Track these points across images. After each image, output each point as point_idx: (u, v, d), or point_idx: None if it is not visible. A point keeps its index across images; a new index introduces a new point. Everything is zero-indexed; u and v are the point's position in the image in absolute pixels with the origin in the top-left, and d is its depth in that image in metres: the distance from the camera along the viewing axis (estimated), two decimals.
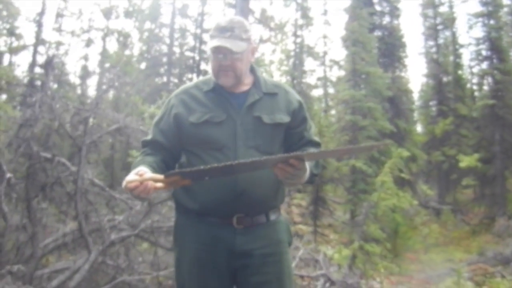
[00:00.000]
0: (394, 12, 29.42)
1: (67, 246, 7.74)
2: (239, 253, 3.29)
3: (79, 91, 30.70)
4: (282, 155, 2.94)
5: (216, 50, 3.29)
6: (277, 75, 34.74)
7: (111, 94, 30.18)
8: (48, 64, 7.90)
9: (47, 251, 7.56)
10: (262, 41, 29.62)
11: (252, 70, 3.59)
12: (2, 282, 5.59)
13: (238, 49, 3.29)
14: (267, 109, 3.44)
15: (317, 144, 3.69)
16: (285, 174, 3.00)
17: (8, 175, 6.79)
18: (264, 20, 27.28)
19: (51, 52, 27.08)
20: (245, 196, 3.24)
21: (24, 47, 26.39)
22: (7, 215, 6.77)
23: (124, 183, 2.84)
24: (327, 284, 9.94)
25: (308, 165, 3.14)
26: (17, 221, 7.09)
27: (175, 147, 3.46)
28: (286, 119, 3.48)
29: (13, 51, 25.14)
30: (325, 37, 37.09)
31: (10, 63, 26.20)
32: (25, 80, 24.17)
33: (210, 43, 3.30)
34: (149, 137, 3.48)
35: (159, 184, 2.85)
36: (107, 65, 30.67)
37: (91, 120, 7.85)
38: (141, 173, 2.86)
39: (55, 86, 25.64)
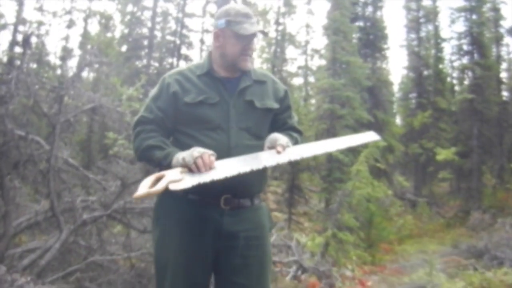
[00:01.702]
0: (377, 3, 29.44)
1: (39, 225, 7.67)
2: (226, 234, 3.31)
3: (59, 71, 30.53)
4: (279, 160, 3.23)
5: (252, 36, 3.40)
6: (258, 63, 34.75)
7: (91, 76, 30.09)
8: (26, 42, 7.79)
9: (19, 230, 7.48)
10: None
11: None
12: None
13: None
14: (258, 95, 3.53)
15: (299, 132, 3.78)
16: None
17: None
18: (246, 4, 27.23)
19: (30, 30, 26.89)
20: (236, 177, 3.19)
21: (4, 26, 26.18)
22: None
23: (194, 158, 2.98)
24: (299, 271, 9.96)
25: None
26: None
27: (171, 125, 3.47)
28: (275, 105, 3.61)
29: None
30: (307, 26, 37.08)
31: None
32: (5, 59, 24.00)
33: (248, 29, 3.35)
34: (150, 115, 3.44)
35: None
36: (88, 46, 30.52)
37: (66, 98, 7.77)
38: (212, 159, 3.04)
39: (35, 65, 25.49)
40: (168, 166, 3.13)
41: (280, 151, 3.22)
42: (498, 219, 18.98)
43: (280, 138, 3.32)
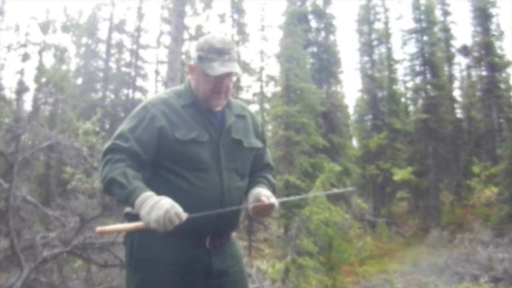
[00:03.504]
0: (330, 29, 29.68)
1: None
2: (216, 273, 3.30)
3: (14, 106, 30.36)
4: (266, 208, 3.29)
5: (222, 76, 3.25)
6: None
7: (47, 110, 29.96)
8: None
9: None
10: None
11: None
12: None
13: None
14: (242, 132, 3.48)
15: (271, 168, 3.80)
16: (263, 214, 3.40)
17: None
18: (199, 36, 27.36)
19: None
20: (227, 221, 3.30)
21: None
22: None
23: (168, 216, 2.83)
24: None
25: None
26: None
27: (149, 161, 3.27)
28: (259, 144, 3.59)
29: None
30: (262, 52, 37.20)
31: None
32: None
33: (216, 69, 3.21)
34: (124, 143, 3.18)
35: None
36: (43, 80, 30.42)
37: (23, 137, 7.81)
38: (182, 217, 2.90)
39: None
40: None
41: (265, 200, 3.24)
42: (457, 235, 19.31)
43: (262, 191, 3.35)
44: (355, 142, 35.07)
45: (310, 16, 29.09)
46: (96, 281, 7.78)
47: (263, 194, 3.30)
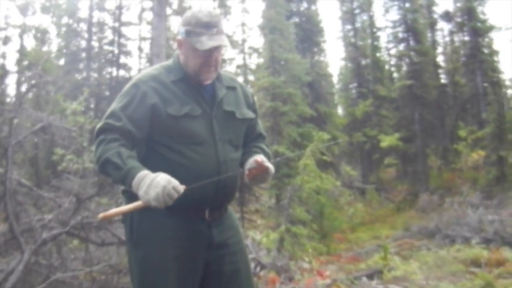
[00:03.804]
0: None
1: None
2: (217, 244, 3.30)
3: None
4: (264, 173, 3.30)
5: (211, 50, 3.20)
6: None
7: (31, 92, 29.77)
8: None
9: None
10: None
11: None
12: None
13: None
14: (233, 104, 3.46)
15: (263, 137, 3.80)
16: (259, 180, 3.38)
17: None
18: (182, 11, 27.25)
19: None
20: (225, 192, 3.31)
21: None
22: None
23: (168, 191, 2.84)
24: (258, 268, 10.10)
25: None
26: None
27: (143, 138, 3.24)
28: (251, 114, 3.59)
29: None
30: (243, 24, 37.09)
31: None
32: None
33: (204, 43, 3.17)
34: (116, 122, 3.15)
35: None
36: (25, 62, 30.23)
37: (15, 120, 7.80)
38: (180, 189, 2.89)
39: None
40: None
41: (259, 163, 3.22)
42: (446, 199, 19.40)
43: (258, 157, 3.31)
44: (340, 111, 35.14)
45: None
46: (94, 260, 7.80)
47: (257, 158, 3.28)
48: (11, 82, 39.36)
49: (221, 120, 3.34)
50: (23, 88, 30.61)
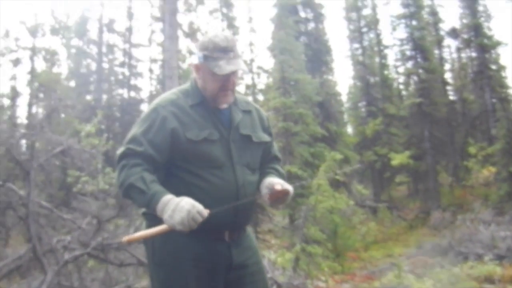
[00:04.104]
0: (319, 18, 29.68)
1: (19, 270, 7.79)
2: (237, 265, 3.37)
3: (8, 112, 30.32)
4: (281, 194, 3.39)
5: (229, 74, 3.29)
6: None
7: (40, 113, 29.90)
8: None
9: (1, 276, 7.60)
10: (191, 53, 29.63)
11: None
12: None
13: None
14: (249, 128, 3.54)
15: (278, 160, 3.87)
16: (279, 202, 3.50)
17: None
18: (192, 33, 27.38)
19: None
20: (244, 214, 3.40)
21: None
22: None
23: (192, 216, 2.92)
24: (275, 287, 10.18)
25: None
26: None
27: (163, 162, 3.28)
28: (267, 138, 3.67)
29: None
30: (251, 44, 37.18)
31: None
32: None
33: (223, 68, 3.25)
34: (138, 147, 3.22)
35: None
36: (36, 84, 30.41)
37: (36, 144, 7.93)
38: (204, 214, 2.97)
39: None
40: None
41: (279, 188, 3.30)
42: (458, 216, 19.37)
43: (275, 179, 3.42)
44: (350, 129, 35.12)
45: (299, 7, 29.07)
46: (113, 281, 7.91)
47: (276, 182, 3.36)
48: (21, 103, 39.55)
49: (239, 144, 3.41)
50: (35, 108, 30.88)
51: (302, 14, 29.32)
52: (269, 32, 33.61)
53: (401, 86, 35.70)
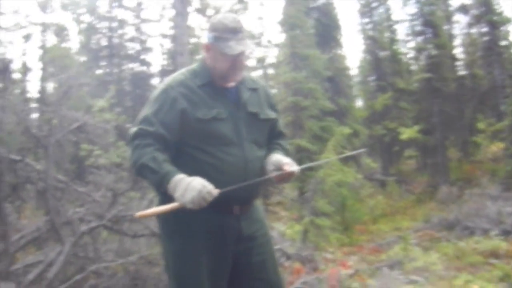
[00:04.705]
0: None
1: (36, 241, 8.01)
2: (245, 237, 3.54)
3: (20, 87, 30.47)
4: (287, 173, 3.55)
5: (239, 54, 3.42)
6: None
7: (51, 87, 30.00)
8: (6, 69, 8.14)
9: (19, 247, 7.81)
10: (201, 30, 29.75)
11: None
12: None
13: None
14: (256, 105, 3.68)
15: (284, 135, 4.05)
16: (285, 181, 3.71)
17: None
18: (203, 9, 27.47)
19: (7, 56, 27.04)
20: (252, 189, 3.56)
21: None
22: None
23: (201, 194, 3.08)
24: (284, 258, 10.38)
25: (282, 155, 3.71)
26: None
27: (174, 141, 3.43)
28: (273, 114, 3.83)
29: None
30: (260, 18, 37.16)
31: None
32: None
33: (233, 48, 3.39)
34: (150, 127, 3.38)
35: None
36: (46, 59, 30.52)
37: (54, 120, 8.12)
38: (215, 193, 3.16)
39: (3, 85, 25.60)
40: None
41: (287, 168, 3.48)
42: (466, 191, 19.41)
43: (282, 158, 3.58)
44: (360, 103, 35.14)
45: None
46: (127, 251, 8.10)
47: (285, 162, 3.51)
48: (32, 78, 39.73)
49: (246, 121, 3.57)
50: (45, 83, 30.99)
51: None
52: (280, 6, 33.57)
53: (411, 61, 35.62)
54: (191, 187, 3.11)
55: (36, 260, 7.51)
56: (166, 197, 3.30)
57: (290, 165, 3.52)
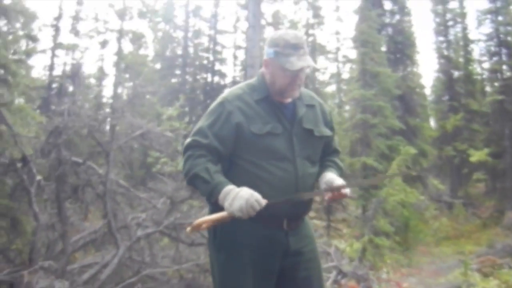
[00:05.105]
0: (403, 10, 29.42)
1: (94, 243, 8.21)
2: (292, 252, 3.57)
3: (94, 91, 31.07)
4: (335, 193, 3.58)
5: (299, 70, 3.46)
6: None
7: (125, 94, 30.55)
8: (75, 74, 8.38)
9: (77, 248, 8.02)
10: None
11: None
12: (36, 277, 6.07)
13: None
14: (312, 122, 3.71)
15: (338, 153, 4.10)
16: (336, 202, 3.80)
17: (38, 177, 7.31)
18: (276, 22, 27.58)
19: (76, 61, 27.56)
20: (302, 205, 3.63)
21: (41, 51, 26.68)
22: (38, 215, 7.25)
23: (251, 205, 3.16)
24: (339, 276, 10.39)
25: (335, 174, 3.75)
26: (46, 220, 7.57)
27: (227, 155, 3.52)
28: (329, 132, 3.85)
29: (29, 53, 25.64)
30: (337, 33, 37.12)
31: (27, 66, 26.52)
32: (44, 84, 24.64)
33: (294, 64, 3.41)
34: (203, 140, 3.48)
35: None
36: (122, 65, 31.04)
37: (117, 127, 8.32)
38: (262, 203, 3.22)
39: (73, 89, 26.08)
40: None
41: (341, 191, 3.52)
42: None
43: (335, 179, 3.59)
44: (433, 123, 34.79)
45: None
46: (183, 259, 8.21)
47: (337, 184, 3.52)
48: (107, 83, 40.35)
49: (300, 137, 3.60)
50: (120, 89, 31.55)
51: (387, 6, 29.13)
52: (354, 22, 33.53)
53: (485, 82, 35.10)
54: (239, 196, 3.19)
55: (93, 261, 7.70)
56: (216, 208, 3.37)
57: (342, 187, 3.52)
